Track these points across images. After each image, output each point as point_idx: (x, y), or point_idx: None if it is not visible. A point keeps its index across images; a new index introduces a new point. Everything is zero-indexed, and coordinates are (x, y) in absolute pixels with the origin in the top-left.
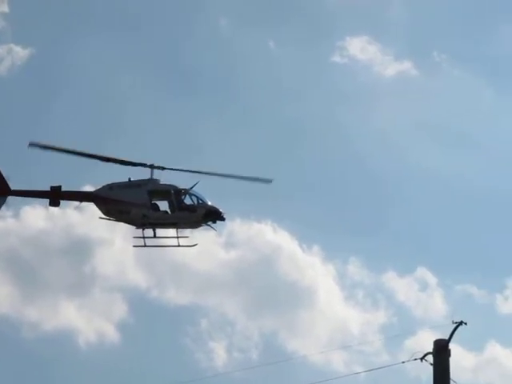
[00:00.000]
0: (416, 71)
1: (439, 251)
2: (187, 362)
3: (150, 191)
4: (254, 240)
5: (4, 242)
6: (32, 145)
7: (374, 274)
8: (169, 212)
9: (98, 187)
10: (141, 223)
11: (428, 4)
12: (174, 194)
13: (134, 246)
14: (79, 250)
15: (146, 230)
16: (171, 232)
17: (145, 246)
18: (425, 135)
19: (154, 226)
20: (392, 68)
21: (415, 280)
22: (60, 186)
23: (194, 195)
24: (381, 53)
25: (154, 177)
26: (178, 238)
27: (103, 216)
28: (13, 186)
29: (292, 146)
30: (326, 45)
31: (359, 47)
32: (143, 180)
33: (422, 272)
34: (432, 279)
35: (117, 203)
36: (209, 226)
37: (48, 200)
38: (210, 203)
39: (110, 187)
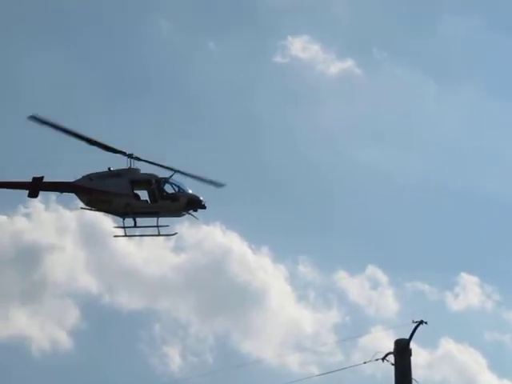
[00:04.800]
0: (358, 69)
1: (389, 249)
2: (142, 367)
3: (131, 180)
4: (204, 243)
5: None
6: (32, 118)
7: (324, 274)
8: (149, 201)
9: (78, 177)
10: (123, 213)
11: (365, 1)
12: (155, 183)
13: (115, 236)
14: (29, 257)
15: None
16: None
17: (125, 235)
18: (369, 133)
19: (136, 215)
20: (334, 67)
21: (366, 279)
22: (42, 177)
23: (175, 184)
24: (322, 52)
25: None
26: (158, 227)
27: (84, 206)
28: None
29: (239, 147)
30: (267, 45)
31: (301, 46)
32: (123, 169)
33: (373, 270)
34: (383, 277)
35: (99, 193)
36: (190, 214)
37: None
38: (190, 191)
39: (90, 177)
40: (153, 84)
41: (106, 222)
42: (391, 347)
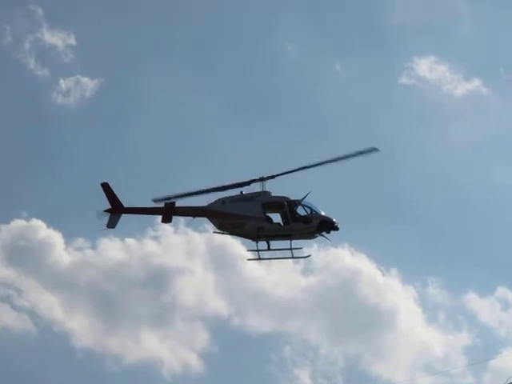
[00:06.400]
0: (486, 89)
1: None
2: None
3: (263, 203)
4: (332, 265)
5: (83, 274)
6: (156, 200)
7: (454, 295)
8: (282, 224)
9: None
10: (256, 236)
11: (492, 21)
12: (287, 206)
13: (249, 260)
14: (158, 280)
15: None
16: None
17: (259, 258)
18: (501, 152)
19: (269, 238)
20: (461, 87)
21: (496, 300)
22: (174, 202)
23: (307, 206)
24: (449, 72)
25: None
26: (291, 249)
27: (217, 230)
28: None
29: (367, 167)
30: (393, 66)
31: (427, 67)
32: (255, 193)
33: (503, 292)
34: None
35: (231, 217)
36: (323, 236)
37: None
38: (323, 213)
39: (223, 201)
40: (281, 105)
41: (234, 245)
42: None
